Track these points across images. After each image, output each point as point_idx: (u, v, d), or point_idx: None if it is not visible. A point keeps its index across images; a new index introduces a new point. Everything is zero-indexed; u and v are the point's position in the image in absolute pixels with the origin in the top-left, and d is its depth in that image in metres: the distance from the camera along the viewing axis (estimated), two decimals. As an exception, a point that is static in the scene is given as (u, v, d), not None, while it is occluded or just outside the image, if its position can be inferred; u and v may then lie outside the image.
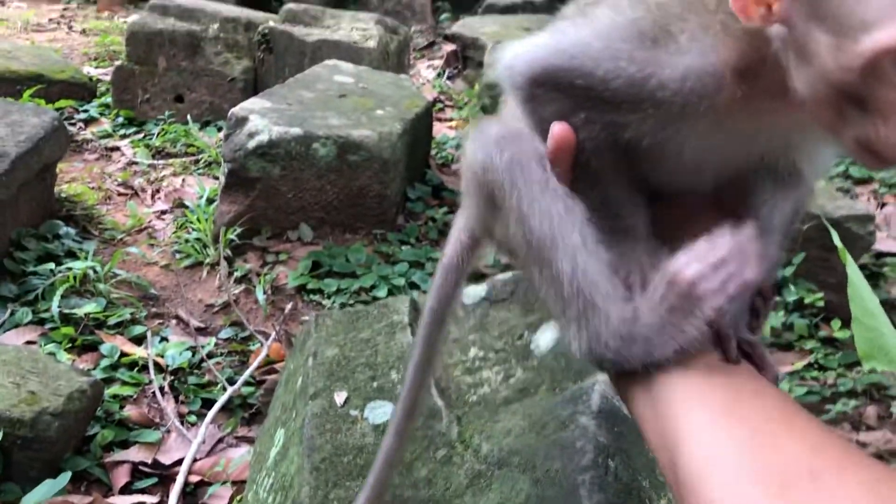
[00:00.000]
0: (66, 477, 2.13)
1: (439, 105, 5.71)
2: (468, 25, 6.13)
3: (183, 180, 4.21)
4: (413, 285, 3.34)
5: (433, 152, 4.60)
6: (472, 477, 1.33)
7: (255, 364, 2.78)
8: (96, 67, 6.00)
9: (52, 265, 3.12)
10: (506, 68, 0.87)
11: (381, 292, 3.22)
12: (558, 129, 0.84)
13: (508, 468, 1.31)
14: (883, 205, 4.46)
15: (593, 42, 0.82)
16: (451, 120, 5.44)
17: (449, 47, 6.65)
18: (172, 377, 2.78)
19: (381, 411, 1.59)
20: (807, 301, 3.19)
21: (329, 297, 3.23)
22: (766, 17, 0.72)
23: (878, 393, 2.86)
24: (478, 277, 3.39)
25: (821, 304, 3.16)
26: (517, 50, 0.87)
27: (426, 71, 6.64)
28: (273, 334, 2.94)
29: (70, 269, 3.12)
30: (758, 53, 0.75)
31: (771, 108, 0.79)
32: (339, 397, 1.64)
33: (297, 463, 1.53)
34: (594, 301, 0.82)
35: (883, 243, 3.88)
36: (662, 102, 0.79)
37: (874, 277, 3.62)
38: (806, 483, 0.67)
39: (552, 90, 0.84)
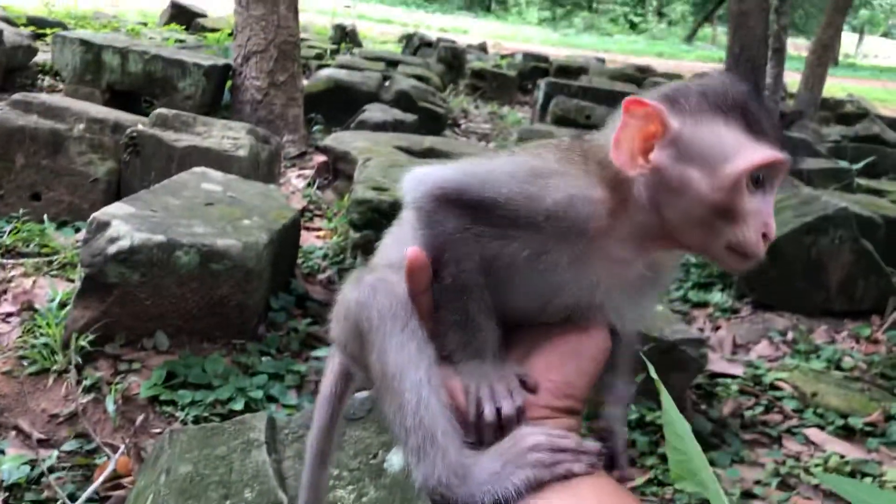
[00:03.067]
0: None
1: (308, 214, 5.80)
2: (340, 139, 6.33)
3: (34, 282, 4.05)
4: (271, 398, 3.32)
5: (300, 261, 4.65)
6: None
7: (100, 479, 2.67)
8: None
9: None
10: (417, 182, 1.04)
11: (238, 405, 3.18)
12: (411, 251, 1.00)
13: (356, 588, 1.35)
14: (717, 328, 4.86)
15: (498, 170, 1.03)
16: (319, 229, 5.53)
17: (320, 158, 6.81)
18: (7, 493, 2.61)
19: (232, 531, 1.59)
20: (647, 419, 3.41)
21: (183, 409, 3.16)
22: (642, 167, 0.97)
23: (711, 507, 3.05)
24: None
25: (660, 421, 3.38)
26: (428, 169, 1.05)
27: (296, 180, 6.75)
28: (122, 447, 2.84)
29: None
30: (620, 197, 0.99)
31: (625, 247, 1.00)
32: (190, 517, 1.62)
33: (141, 586, 1.50)
34: (434, 436, 0.93)
35: (716, 364, 4.22)
36: (550, 217, 0.98)
37: (708, 397, 3.91)
38: None
39: (455, 206, 1.01)
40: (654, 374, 1.43)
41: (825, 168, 7.74)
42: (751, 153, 0.94)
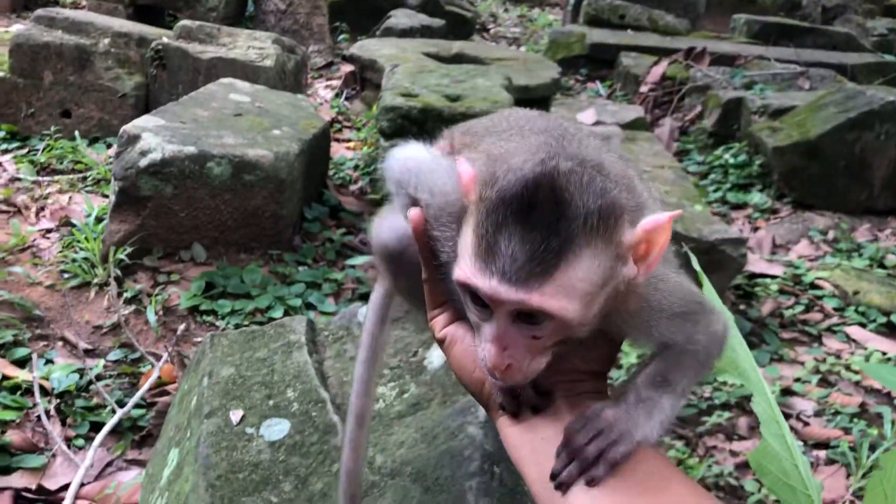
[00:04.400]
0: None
1: (337, 126, 5.74)
2: (366, 47, 6.19)
3: (70, 198, 4.08)
4: (310, 306, 3.34)
5: (331, 173, 4.62)
6: (367, 488, 1.38)
7: (146, 386, 2.73)
8: (-25, 79, 5.73)
9: (-74, 286, 2.98)
10: (387, 160, 1.06)
11: (277, 313, 3.21)
12: (412, 214, 0.99)
13: (401, 478, 1.36)
14: (756, 229, 4.77)
15: (431, 177, 0.98)
16: (349, 141, 5.48)
17: (347, 68, 6.70)
18: (59, 400, 2.69)
19: (277, 428, 1.61)
20: (685, 319, 3.38)
21: (223, 318, 3.20)
22: None
23: (749, 405, 3.05)
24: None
25: (698, 322, 3.36)
26: (398, 153, 1.05)
27: (324, 91, 6.66)
28: (165, 356, 2.89)
29: (-53, 289, 2.98)
30: None
31: None
32: (235, 416, 1.65)
33: (192, 481, 1.53)
34: None
35: (755, 265, 4.16)
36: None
37: (747, 297, 3.87)
38: None
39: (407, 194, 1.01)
40: (696, 266, 1.39)
41: (870, 62, 7.45)
42: (456, 267, 0.86)
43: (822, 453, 2.87)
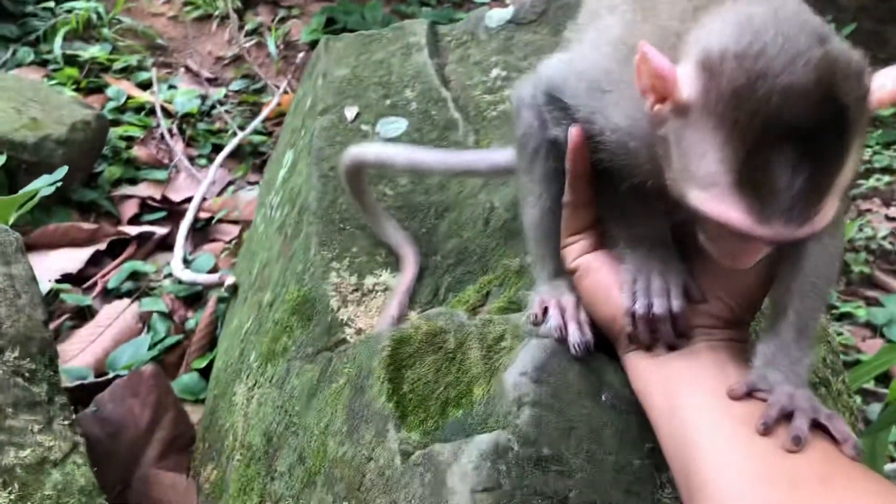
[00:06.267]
0: (62, 171, 2.04)
1: None
2: None
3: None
4: (433, 45, 3.16)
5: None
6: (488, 173, 1.26)
7: (265, 112, 2.67)
8: None
9: (52, 4, 2.95)
10: (535, 79, 0.94)
11: (399, 50, 3.05)
12: (573, 131, 0.86)
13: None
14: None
15: (570, 78, 0.86)
16: None
17: None
18: (181, 122, 2.68)
19: (393, 126, 1.49)
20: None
21: (344, 53, 3.06)
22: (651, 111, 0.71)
23: (913, 171, 2.74)
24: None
25: None
26: (542, 68, 0.93)
27: None
28: (285, 84, 2.81)
29: (71, 11, 2.95)
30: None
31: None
32: (350, 112, 1.54)
33: (305, 174, 1.45)
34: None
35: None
36: (607, 141, 0.81)
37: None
38: (815, 485, 0.68)
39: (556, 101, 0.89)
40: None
41: None
42: (712, 202, 0.66)
43: None
